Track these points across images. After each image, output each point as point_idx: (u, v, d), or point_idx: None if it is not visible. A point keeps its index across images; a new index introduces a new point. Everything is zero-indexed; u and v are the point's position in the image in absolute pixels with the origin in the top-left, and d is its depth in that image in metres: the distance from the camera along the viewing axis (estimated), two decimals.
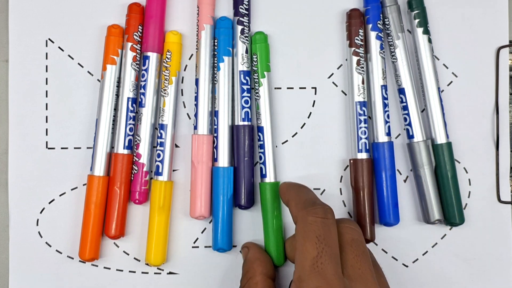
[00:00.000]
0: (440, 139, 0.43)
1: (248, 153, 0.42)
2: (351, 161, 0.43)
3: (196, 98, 0.43)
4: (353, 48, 0.43)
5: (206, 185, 0.42)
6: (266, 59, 0.43)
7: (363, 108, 0.43)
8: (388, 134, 0.43)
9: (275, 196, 0.42)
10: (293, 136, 0.44)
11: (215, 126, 0.43)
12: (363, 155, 0.43)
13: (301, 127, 0.44)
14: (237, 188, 0.42)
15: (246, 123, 0.43)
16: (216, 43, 0.43)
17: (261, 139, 0.43)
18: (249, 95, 0.43)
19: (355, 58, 0.43)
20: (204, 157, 0.42)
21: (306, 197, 0.36)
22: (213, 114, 0.43)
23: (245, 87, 0.43)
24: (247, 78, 0.43)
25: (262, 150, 0.43)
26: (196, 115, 0.43)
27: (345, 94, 0.44)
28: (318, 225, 0.32)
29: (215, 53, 0.43)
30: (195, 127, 0.43)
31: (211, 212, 0.43)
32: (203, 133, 0.42)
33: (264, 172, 0.42)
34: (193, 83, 0.44)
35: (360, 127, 0.43)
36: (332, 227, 0.33)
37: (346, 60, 0.44)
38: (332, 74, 0.44)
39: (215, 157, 0.42)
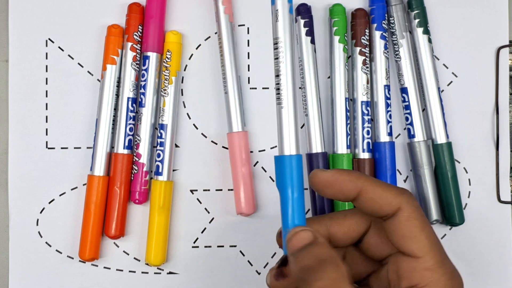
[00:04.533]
0: (440, 139, 0.43)
1: None
2: (355, 160, 0.43)
3: (227, 96, 0.43)
4: (359, 48, 0.43)
5: (248, 182, 0.42)
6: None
7: (368, 108, 0.43)
8: (390, 134, 0.43)
9: None
10: None
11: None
12: (365, 155, 0.43)
13: (301, 127, 0.44)
14: None
15: None
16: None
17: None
18: None
19: (360, 58, 0.43)
20: (244, 154, 0.42)
21: (382, 182, 0.30)
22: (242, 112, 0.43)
23: None
24: None
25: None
26: (240, 112, 0.43)
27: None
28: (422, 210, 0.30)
29: None
30: (230, 125, 0.43)
31: (256, 208, 0.43)
32: (238, 130, 0.43)
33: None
34: (194, 83, 0.44)
35: (364, 127, 0.43)
36: None
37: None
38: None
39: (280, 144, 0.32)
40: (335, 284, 0.26)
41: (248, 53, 0.44)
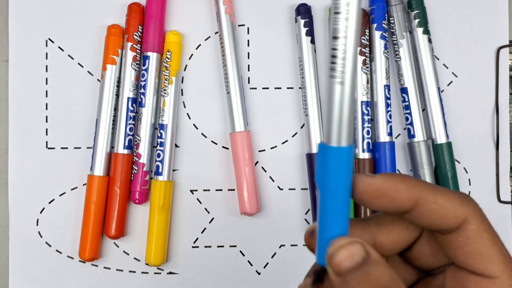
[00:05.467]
0: (440, 139, 0.43)
1: None
2: (355, 160, 0.43)
3: (229, 96, 0.43)
4: (359, 48, 0.43)
5: (251, 182, 0.42)
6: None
7: (368, 108, 0.43)
8: (390, 134, 0.43)
9: None
10: (293, 136, 0.44)
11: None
12: (365, 155, 0.43)
13: (301, 127, 0.44)
14: None
15: None
16: None
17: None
18: None
19: (360, 58, 0.43)
20: (247, 153, 0.42)
21: (441, 188, 0.24)
22: (244, 110, 0.43)
23: None
24: None
25: None
26: (242, 112, 0.43)
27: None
28: None
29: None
30: (233, 125, 0.43)
31: (259, 208, 0.43)
32: (241, 130, 0.43)
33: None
34: (194, 83, 0.44)
35: (364, 127, 0.43)
36: None
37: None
38: None
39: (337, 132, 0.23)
40: None
41: (248, 53, 0.44)
